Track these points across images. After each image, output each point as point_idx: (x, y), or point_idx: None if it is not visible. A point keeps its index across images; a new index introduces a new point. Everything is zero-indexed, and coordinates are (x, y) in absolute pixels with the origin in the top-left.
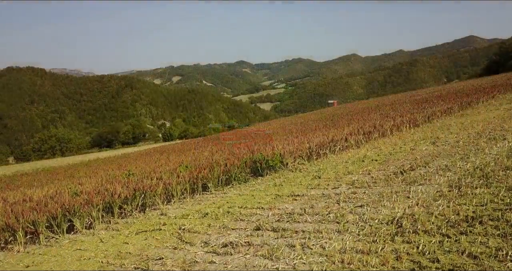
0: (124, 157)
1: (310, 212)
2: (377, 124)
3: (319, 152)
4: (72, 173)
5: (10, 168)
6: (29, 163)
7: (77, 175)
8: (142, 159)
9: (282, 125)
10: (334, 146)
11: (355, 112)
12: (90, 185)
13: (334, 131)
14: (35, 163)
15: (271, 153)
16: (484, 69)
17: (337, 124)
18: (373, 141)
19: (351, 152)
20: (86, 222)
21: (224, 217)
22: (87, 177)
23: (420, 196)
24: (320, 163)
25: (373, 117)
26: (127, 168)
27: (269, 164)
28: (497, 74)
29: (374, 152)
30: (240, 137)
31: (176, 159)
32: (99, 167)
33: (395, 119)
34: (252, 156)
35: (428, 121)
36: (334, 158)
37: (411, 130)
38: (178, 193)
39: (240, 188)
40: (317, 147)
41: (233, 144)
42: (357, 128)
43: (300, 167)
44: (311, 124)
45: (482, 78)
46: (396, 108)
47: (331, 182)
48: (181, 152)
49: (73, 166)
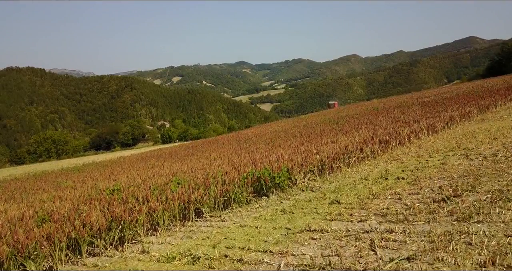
0: (119, 162)
1: (337, 264)
2: (392, 130)
3: (332, 165)
4: (60, 182)
5: (2, 172)
6: (23, 166)
7: (64, 184)
8: (136, 165)
9: (284, 128)
10: (349, 157)
11: (361, 115)
12: (67, 204)
13: (343, 137)
14: (29, 166)
15: (276, 166)
16: (487, 70)
17: (344, 129)
18: (390, 151)
19: (367, 164)
20: (45, 266)
21: (220, 265)
22: (72, 188)
23: (486, 243)
24: (334, 179)
25: (382, 121)
26: (118, 177)
27: (275, 181)
28: (502, 74)
29: (395, 165)
30: (240, 140)
31: (171, 167)
32: (90, 173)
33: (410, 124)
34: (254, 168)
35: (447, 127)
36: (350, 173)
37: (430, 138)
38: (166, 221)
39: (241, 213)
40: (330, 160)
41: (233, 149)
42: (370, 135)
43: (311, 184)
44: (315, 127)
45: (488, 79)
46: (406, 111)
47: (354, 210)
48: (177, 157)
49: (66, 171)
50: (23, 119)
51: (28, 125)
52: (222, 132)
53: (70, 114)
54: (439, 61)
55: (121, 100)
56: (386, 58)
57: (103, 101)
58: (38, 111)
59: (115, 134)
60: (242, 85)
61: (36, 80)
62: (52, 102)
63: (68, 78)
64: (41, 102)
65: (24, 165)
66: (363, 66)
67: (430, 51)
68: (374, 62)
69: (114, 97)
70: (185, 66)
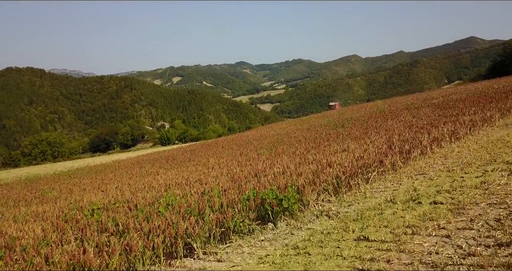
0: (113, 166)
1: None
2: (408, 136)
3: (349, 182)
4: (46, 191)
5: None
6: (17, 169)
7: (49, 194)
8: (130, 170)
9: (286, 130)
10: (367, 171)
11: (367, 118)
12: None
13: (354, 144)
14: (22, 169)
15: (283, 182)
16: (489, 70)
17: (352, 133)
18: (412, 162)
19: (388, 179)
20: None
21: None
22: (54, 202)
23: None
24: (353, 199)
25: (393, 125)
26: (107, 186)
27: (282, 205)
28: (505, 75)
29: (424, 183)
30: (241, 144)
31: (165, 175)
32: (81, 180)
33: (429, 130)
34: (257, 182)
35: (469, 133)
36: (370, 191)
37: (453, 146)
38: (146, 263)
39: (242, 249)
40: (346, 175)
41: (233, 154)
42: (385, 142)
43: (326, 207)
44: (319, 131)
45: (494, 79)
46: (416, 114)
47: (391, 253)
48: (174, 162)
49: (57, 176)
50: (23, 120)
51: (27, 126)
52: (222, 133)
53: (69, 115)
54: (440, 62)
55: (121, 100)
56: (387, 59)
57: (103, 101)
58: (38, 111)
59: (115, 135)
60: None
61: (35, 80)
62: (51, 102)
63: (68, 78)
64: (40, 102)
65: (18, 167)
66: (363, 66)
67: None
68: (375, 62)
69: (114, 97)
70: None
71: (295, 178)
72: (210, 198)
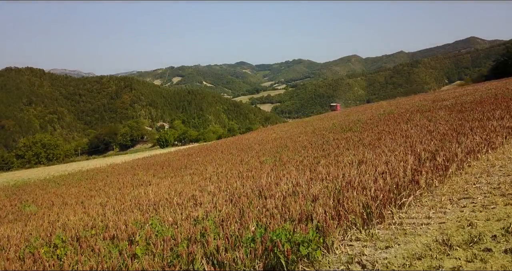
0: (106, 172)
1: None
2: (432, 145)
3: (382, 212)
4: (23, 206)
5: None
6: (8, 173)
7: (26, 209)
8: (122, 178)
9: (289, 133)
10: (399, 194)
11: (376, 121)
12: None
13: (370, 153)
14: (14, 173)
15: (295, 211)
16: (492, 71)
17: (364, 139)
18: (449, 180)
19: (427, 204)
20: None
21: None
22: (25, 222)
23: None
24: (391, 238)
25: (410, 131)
26: (92, 201)
27: (300, 252)
28: (509, 75)
29: (478, 213)
30: (241, 148)
31: (157, 187)
32: (67, 190)
33: (458, 139)
34: (263, 216)
35: (504, 141)
36: (410, 224)
37: (490, 158)
38: None
39: None
40: (378, 203)
41: (233, 161)
42: (407, 151)
43: (358, 250)
44: (326, 135)
45: (504, 79)
46: (431, 117)
47: None
48: (169, 169)
49: (46, 183)
50: (22, 120)
51: (26, 126)
52: (222, 134)
53: (69, 115)
54: (440, 62)
55: (120, 100)
56: (387, 59)
57: (103, 101)
58: (37, 111)
59: (114, 135)
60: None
61: (35, 80)
62: (51, 102)
63: (68, 78)
64: (40, 102)
65: (10, 171)
66: (364, 66)
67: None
68: (375, 62)
69: (113, 97)
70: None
71: (310, 204)
72: (204, 232)
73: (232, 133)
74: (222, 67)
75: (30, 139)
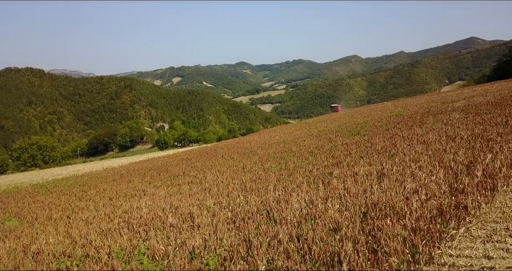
0: (99, 178)
1: None
2: (461, 154)
3: (430, 252)
4: (4, 220)
5: None
6: (2, 177)
7: (6, 224)
8: (114, 187)
9: (292, 136)
10: (447, 223)
11: (385, 123)
12: None
13: (388, 162)
14: (8, 176)
15: (315, 245)
16: (494, 71)
17: (377, 145)
18: (496, 203)
19: (477, 235)
20: None
21: None
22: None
23: None
24: None
25: (428, 136)
26: (78, 215)
27: None
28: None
29: None
30: (243, 152)
31: (151, 199)
32: (56, 200)
33: (490, 147)
34: (275, 251)
35: None
36: (464, 266)
37: None
38: None
39: None
40: (425, 241)
41: (234, 168)
42: (435, 163)
43: None
44: (333, 139)
45: (509, 80)
46: (447, 120)
47: None
48: (166, 176)
49: (38, 188)
50: (21, 121)
51: (26, 127)
52: (222, 135)
53: (69, 115)
54: (440, 62)
55: (120, 101)
56: (387, 59)
57: (102, 102)
58: (37, 112)
59: (113, 136)
60: (243, 86)
61: (34, 80)
62: (50, 103)
63: (67, 78)
64: (39, 103)
65: (5, 174)
66: (364, 67)
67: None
68: (375, 63)
69: (113, 98)
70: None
71: (333, 235)
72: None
73: (233, 134)
74: (222, 67)
75: (26, 140)
